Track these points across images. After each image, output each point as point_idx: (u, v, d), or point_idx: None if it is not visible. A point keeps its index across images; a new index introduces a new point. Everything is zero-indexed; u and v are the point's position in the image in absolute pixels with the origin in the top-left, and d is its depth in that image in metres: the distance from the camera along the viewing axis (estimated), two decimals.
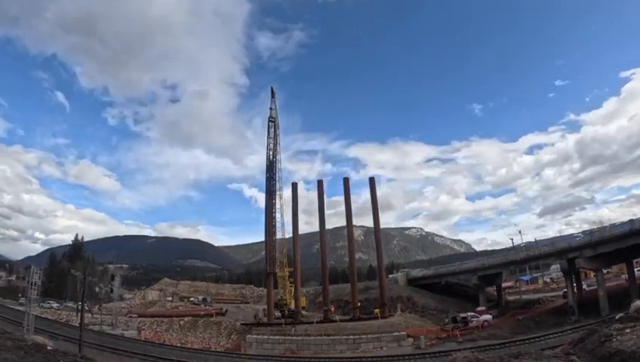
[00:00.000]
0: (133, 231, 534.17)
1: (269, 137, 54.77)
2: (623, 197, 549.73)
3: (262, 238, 57.79)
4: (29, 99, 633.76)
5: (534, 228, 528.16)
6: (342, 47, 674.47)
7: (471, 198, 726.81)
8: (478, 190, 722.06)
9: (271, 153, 54.44)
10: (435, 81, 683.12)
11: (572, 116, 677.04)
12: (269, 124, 55.28)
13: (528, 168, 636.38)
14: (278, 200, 53.74)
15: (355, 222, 55.28)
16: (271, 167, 54.16)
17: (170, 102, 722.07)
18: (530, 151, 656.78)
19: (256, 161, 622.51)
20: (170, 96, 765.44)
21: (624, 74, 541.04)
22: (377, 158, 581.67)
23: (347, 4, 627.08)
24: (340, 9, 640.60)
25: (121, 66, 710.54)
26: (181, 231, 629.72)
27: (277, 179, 54.02)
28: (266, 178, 54.43)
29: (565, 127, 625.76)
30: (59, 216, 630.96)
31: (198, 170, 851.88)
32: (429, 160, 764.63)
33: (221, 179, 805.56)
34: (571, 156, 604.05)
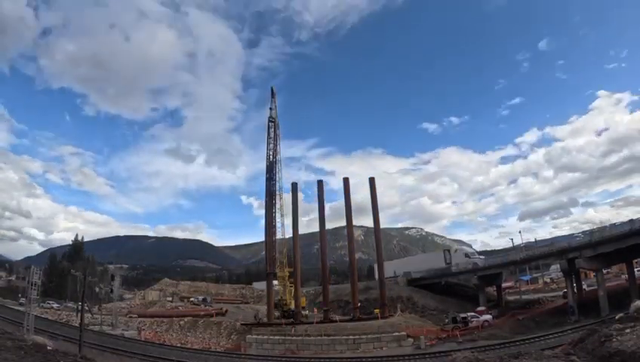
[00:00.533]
0: (134, 231, 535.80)
1: (268, 137, 54.72)
2: (610, 200, 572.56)
3: (262, 238, 57.81)
4: (34, 116, 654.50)
5: (524, 231, 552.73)
6: (309, 72, 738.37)
7: (453, 203, 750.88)
8: (459, 195, 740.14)
9: (271, 153, 54.35)
10: (388, 104, 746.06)
11: (536, 130, 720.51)
12: (268, 124, 55.17)
13: (504, 176, 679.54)
14: (278, 201, 53.73)
15: (354, 222, 55.27)
16: (271, 167, 54.05)
17: (170, 126, 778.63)
18: (504, 161, 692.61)
19: (246, 171, 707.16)
20: (170, 122, 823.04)
21: (587, 93, 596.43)
22: (349, 170, 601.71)
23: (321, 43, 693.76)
24: (309, 47, 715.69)
25: (123, 97, 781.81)
26: (181, 234, 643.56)
27: (277, 179, 53.99)
28: (266, 178, 54.33)
29: (534, 140, 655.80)
30: (60, 217, 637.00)
31: (196, 181, 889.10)
32: (402, 170, 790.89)
33: (217, 188, 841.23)
34: (543, 165, 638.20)
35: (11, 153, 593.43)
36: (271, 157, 54.28)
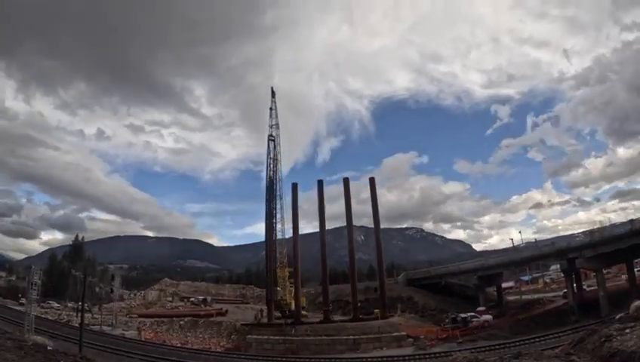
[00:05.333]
0: (134, 231, 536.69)
1: (269, 137, 54.84)
2: None
3: (262, 238, 57.82)
4: None
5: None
6: None
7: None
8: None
9: (272, 153, 54.46)
10: None
11: None
12: (271, 121, 55.37)
13: None
14: (278, 201, 53.76)
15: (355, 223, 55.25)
16: (272, 171, 54.14)
17: None
18: None
19: None
20: None
21: None
22: None
23: None
24: None
25: None
26: (181, 234, 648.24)
27: (277, 179, 54.02)
28: (266, 182, 54.38)
29: None
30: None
31: None
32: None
33: None
34: None
35: None
36: (272, 155, 54.32)
